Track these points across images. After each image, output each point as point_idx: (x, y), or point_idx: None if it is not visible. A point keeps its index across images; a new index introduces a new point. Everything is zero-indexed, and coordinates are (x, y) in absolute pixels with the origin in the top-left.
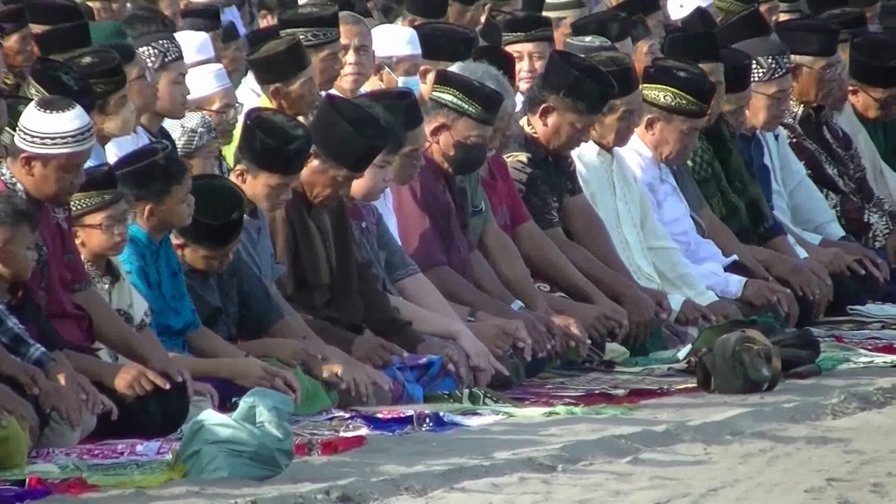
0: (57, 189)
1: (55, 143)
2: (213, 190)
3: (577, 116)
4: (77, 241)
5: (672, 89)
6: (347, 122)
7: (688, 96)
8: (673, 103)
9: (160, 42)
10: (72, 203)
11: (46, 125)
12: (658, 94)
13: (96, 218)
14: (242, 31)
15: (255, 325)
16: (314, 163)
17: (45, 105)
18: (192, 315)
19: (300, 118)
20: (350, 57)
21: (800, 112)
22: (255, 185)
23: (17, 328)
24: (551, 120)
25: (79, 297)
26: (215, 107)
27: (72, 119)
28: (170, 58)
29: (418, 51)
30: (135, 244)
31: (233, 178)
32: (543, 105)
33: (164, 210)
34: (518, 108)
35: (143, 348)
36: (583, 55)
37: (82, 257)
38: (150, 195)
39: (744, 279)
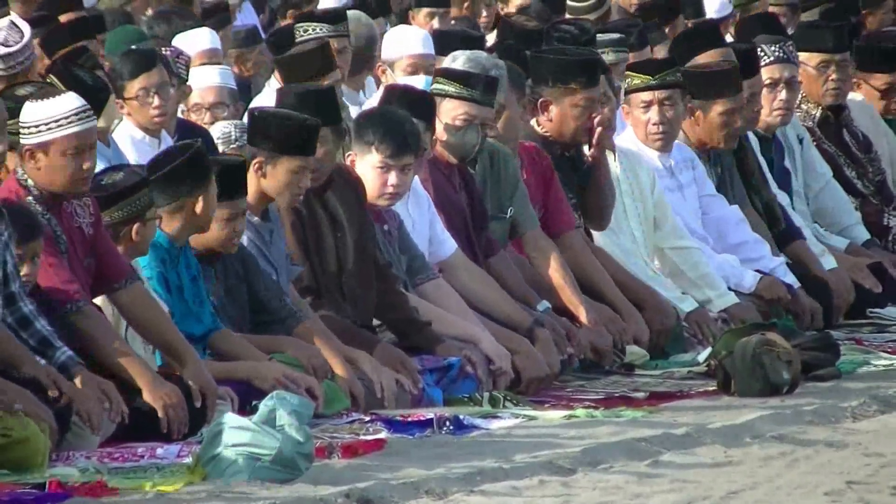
0: (67, 177)
1: (49, 128)
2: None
3: (575, 96)
4: None
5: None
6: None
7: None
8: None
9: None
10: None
11: (41, 112)
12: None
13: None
14: (263, 34)
15: (272, 333)
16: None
17: (38, 95)
18: (212, 321)
19: None
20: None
21: (818, 115)
22: (275, 175)
23: (45, 330)
24: (554, 111)
25: (121, 295)
26: (207, 104)
27: (65, 101)
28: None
29: (431, 50)
30: (155, 249)
31: (251, 174)
32: (541, 101)
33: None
34: None
35: (182, 352)
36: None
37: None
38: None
39: (759, 275)
